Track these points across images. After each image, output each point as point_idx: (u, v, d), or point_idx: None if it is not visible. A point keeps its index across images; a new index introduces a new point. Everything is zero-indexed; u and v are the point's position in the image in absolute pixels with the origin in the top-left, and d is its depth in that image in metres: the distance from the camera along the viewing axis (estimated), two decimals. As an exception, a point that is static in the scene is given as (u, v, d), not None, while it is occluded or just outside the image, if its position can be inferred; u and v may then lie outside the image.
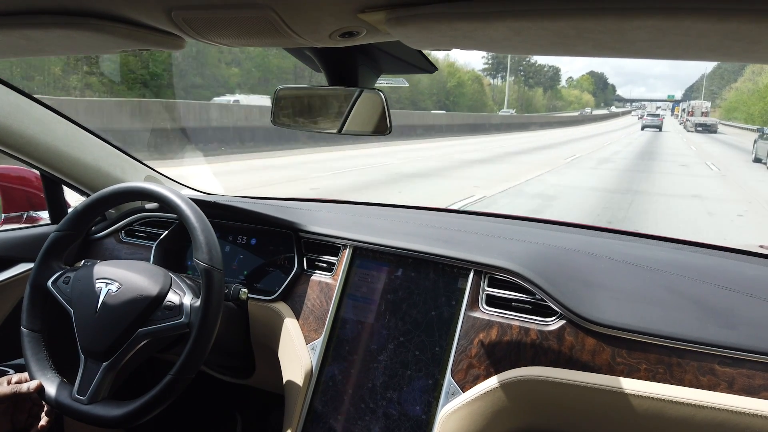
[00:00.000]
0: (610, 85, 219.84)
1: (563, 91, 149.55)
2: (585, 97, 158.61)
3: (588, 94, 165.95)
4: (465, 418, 1.07)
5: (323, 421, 1.20)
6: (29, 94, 1.42)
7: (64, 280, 1.15)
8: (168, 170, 1.86)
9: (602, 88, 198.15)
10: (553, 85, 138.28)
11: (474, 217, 1.66)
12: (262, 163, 13.14)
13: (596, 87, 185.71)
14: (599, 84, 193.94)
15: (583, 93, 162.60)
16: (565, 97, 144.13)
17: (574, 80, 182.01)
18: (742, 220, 7.77)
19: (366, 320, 1.24)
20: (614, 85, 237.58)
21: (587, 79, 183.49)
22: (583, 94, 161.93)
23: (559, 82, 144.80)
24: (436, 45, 0.67)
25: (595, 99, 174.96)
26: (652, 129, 50.07)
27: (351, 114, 1.04)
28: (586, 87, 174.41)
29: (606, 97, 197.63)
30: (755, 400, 0.94)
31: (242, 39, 0.73)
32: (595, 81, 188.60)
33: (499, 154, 18.39)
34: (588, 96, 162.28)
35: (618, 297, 1.09)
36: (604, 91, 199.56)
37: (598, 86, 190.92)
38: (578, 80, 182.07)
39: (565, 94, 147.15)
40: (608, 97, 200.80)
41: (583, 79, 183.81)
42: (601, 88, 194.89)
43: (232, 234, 1.49)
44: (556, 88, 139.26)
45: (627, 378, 1.01)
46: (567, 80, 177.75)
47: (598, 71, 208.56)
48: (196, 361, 1.02)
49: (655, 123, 51.70)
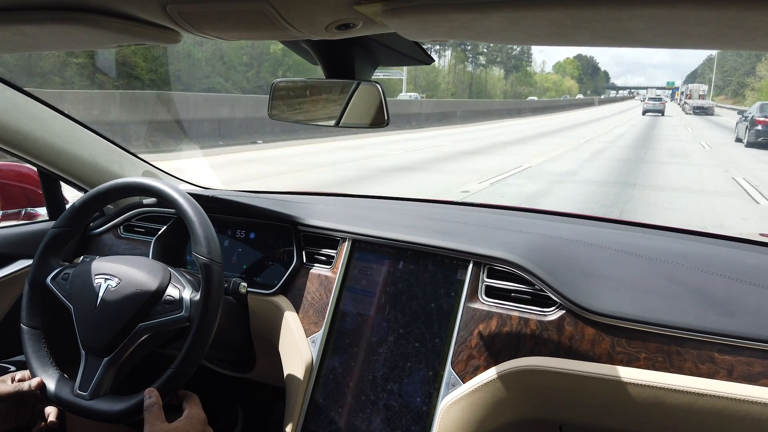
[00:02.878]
0: (602, 72, 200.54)
1: (538, 76, 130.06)
2: (568, 83, 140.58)
3: (572, 79, 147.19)
4: (465, 409, 1.08)
5: (324, 413, 1.21)
6: (25, 90, 1.41)
7: (63, 277, 1.15)
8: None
9: (591, 74, 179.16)
10: (519, 66, 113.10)
11: (473, 208, 1.66)
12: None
13: (583, 72, 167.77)
14: (587, 69, 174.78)
15: (565, 78, 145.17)
16: (541, 82, 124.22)
17: (560, 64, 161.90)
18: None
19: (366, 313, 1.24)
20: (607, 72, 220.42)
21: (572, 63, 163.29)
22: (565, 79, 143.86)
23: (529, 64, 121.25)
24: (433, 36, 0.66)
25: (582, 86, 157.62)
26: (653, 114, 46.56)
27: (348, 107, 1.04)
28: (570, 72, 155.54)
29: (596, 84, 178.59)
30: (754, 387, 0.95)
31: (238, 32, 0.73)
32: (583, 66, 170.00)
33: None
34: (571, 82, 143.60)
35: (617, 286, 1.09)
36: (594, 77, 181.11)
37: (586, 71, 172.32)
38: (561, 64, 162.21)
39: (540, 79, 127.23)
40: (599, 85, 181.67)
41: (567, 63, 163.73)
42: (590, 74, 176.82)
43: (230, 228, 1.49)
44: (526, 71, 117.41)
45: (626, 367, 1.02)
46: (555, 66, 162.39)
47: (588, 55, 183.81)
48: (196, 355, 1.02)
49: (656, 107, 48.03)
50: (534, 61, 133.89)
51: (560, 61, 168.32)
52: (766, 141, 16.79)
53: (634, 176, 10.59)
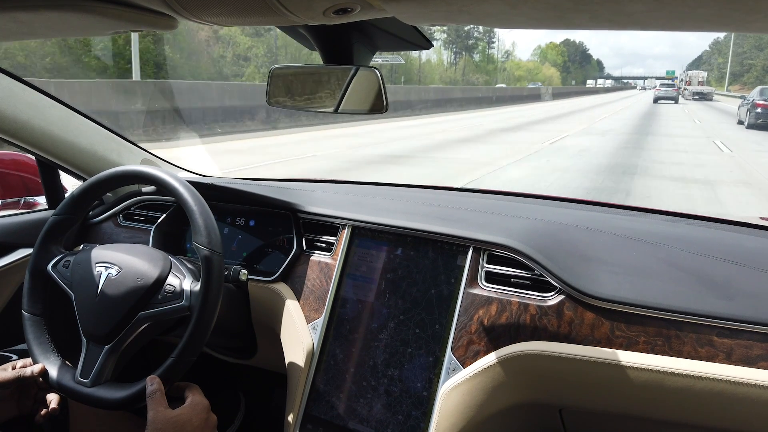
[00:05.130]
0: (594, 60, 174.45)
1: (511, 63, 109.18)
2: (547, 71, 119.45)
3: (552, 67, 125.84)
4: (466, 394, 1.09)
5: (326, 399, 1.21)
6: (22, 78, 1.40)
7: (63, 264, 1.15)
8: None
9: (581, 62, 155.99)
10: (474, 49, 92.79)
11: (472, 194, 1.66)
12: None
13: (570, 60, 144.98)
14: (575, 56, 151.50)
15: (545, 65, 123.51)
16: (511, 69, 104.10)
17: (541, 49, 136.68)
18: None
19: (366, 299, 1.24)
20: (600, 61, 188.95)
21: (556, 49, 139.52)
22: (545, 66, 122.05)
23: (491, 46, 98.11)
24: (431, 20, 0.66)
25: (568, 75, 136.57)
26: (666, 101, 41.03)
27: (347, 93, 1.03)
28: (553, 58, 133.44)
29: (586, 73, 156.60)
30: (753, 370, 0.95)
31: (235, 18, 0.72)
32: (570, 52, 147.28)
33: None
34: (552, 70, 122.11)
35: (616, 271, 1.09)
36: (583, 65, 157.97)
37: (574, 59, 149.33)
38: (543, 49, 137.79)
39: (512, 66, 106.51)
40: (589, 74, 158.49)
41: (549, 48, 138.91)
42: (578, 62, 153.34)
43: (230, 216, 1.48)
44: (486, 55, 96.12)
45: (626, 351, 1.02)
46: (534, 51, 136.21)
47: (577, 41, 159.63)
48: (197, 343, 1.03)
49: (669, 94, 42.30)
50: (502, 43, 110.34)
51: (541, 45, 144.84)
52: (766, 122, 18.28)
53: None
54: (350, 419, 1.19)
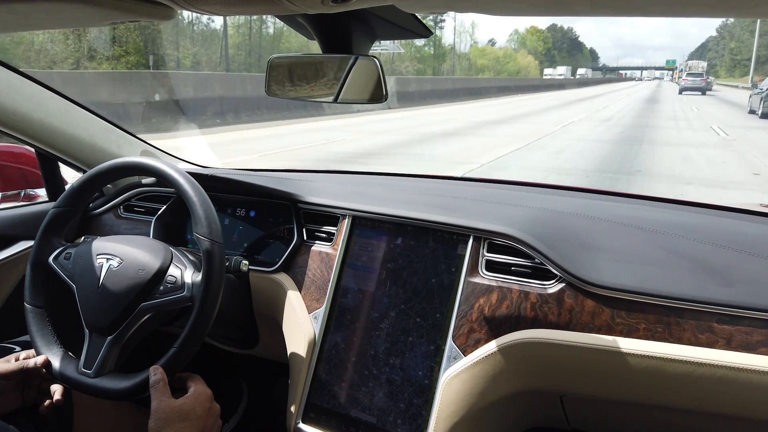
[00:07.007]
0: (587, 48, 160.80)
1: (475, 49, 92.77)
2: (523, 60, 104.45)
3: (530, 55, 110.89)
4: (467, 381, 1.09)
5: (327, 388, 1.22)
6: (20, 70, 1.40)
7: (65, 256, 1.15)
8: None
9: (569, 50, 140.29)
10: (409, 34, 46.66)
11: (472, 183, 1.66)
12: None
13: (555, 47, 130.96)
14: (560, 44, 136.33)
15: (520, 53, 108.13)
16: (474, 57, 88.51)
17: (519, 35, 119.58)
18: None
19: (367, 289, 1.25)
20: (594, 50, 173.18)
21: (537, 35, 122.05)
22: (519, 54, 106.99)
23: (441, 26, 79.23)
24: (431, 8, 0.65)
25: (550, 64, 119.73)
26: (694, 93, 37.78)
27: (346, 82, 1.03)
28: (533, 45, 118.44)
29: (576, 63, 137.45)
30: (753, 356, 0.96)
31: (233, 7, 0.71)
32: (556, 39, 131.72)
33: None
34: (528, 59, 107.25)
35: (617, 259, 1.09)
36: (572, 54, 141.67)
37: (560, 47, 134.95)
38: (522, 35, 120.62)
39: (475, 54, 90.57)
40: (579, 64, 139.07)
41: (529, 33, 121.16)
42: (566, 50, 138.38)
43: (230, 207, 1.48)
44: (435, 39, 73.30)
45: (626, 338, 1.03)
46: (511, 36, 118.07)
47: (565, 27, 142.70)
48: (199, 334, 1.03)
49: (697, 85, 38.65)
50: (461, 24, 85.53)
51: (519, 30, 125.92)
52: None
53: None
54: (352, 408, 1.19)
